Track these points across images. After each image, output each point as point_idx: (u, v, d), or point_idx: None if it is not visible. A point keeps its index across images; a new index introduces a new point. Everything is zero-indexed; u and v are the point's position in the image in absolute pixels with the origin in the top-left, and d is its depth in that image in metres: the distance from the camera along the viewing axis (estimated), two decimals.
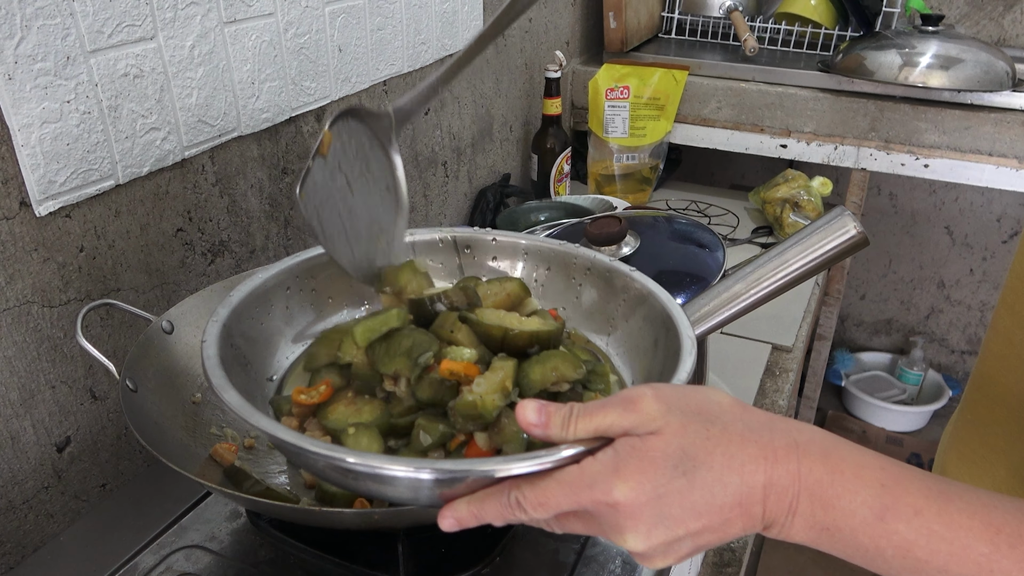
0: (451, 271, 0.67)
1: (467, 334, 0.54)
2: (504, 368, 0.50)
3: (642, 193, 1.60)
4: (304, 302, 0.63)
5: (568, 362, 0.52)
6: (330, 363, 0.58)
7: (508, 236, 0.68)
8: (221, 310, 0.55)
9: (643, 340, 0.60)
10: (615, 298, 0.63)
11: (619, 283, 0.63)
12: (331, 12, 0.93)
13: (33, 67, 0.62)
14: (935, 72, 1.40)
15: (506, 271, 0.68)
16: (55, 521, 0.73)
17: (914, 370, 2.30)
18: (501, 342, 0.53)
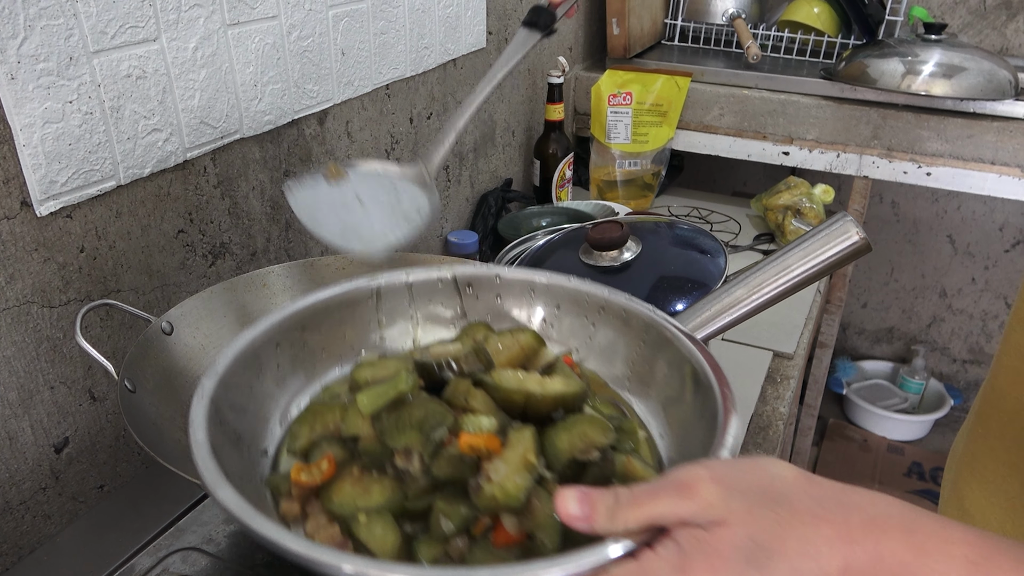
0: (453, 314, 0.60)
1: (483, 400, 0.48)
2: (524, 439, 0.46)
3: (644, 199, 1.60)
4: (296, 358, 0.55)
5: (596, 426, 0.47)
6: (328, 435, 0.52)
7: (514, 273, 0.61)
8: (207, 382, 0.47)
9: (670, 388, 0.54)
10: (634, 340, 0.57)
11: (637, 323, 0.56)
12: (334, 15, 0.94)
13: (36, 67, 0.63)
14: (938, 80, 1.40)
15: (512, 311, 0.62)
16: (52, 522, 0.73)
17: (916, 379, 2.30)
18: (523, 408, 0.48)
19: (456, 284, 0.61)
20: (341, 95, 0.98)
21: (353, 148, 1.04)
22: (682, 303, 0.82)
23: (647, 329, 0.56)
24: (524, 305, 0.61)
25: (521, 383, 0.49)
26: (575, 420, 0.48)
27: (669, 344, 0.54)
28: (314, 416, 0.52)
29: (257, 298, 0.75)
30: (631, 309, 0.57)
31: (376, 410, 0.48)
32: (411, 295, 0.59)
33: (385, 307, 0.58)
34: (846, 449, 2.27)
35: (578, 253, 0.89)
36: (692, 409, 0.51)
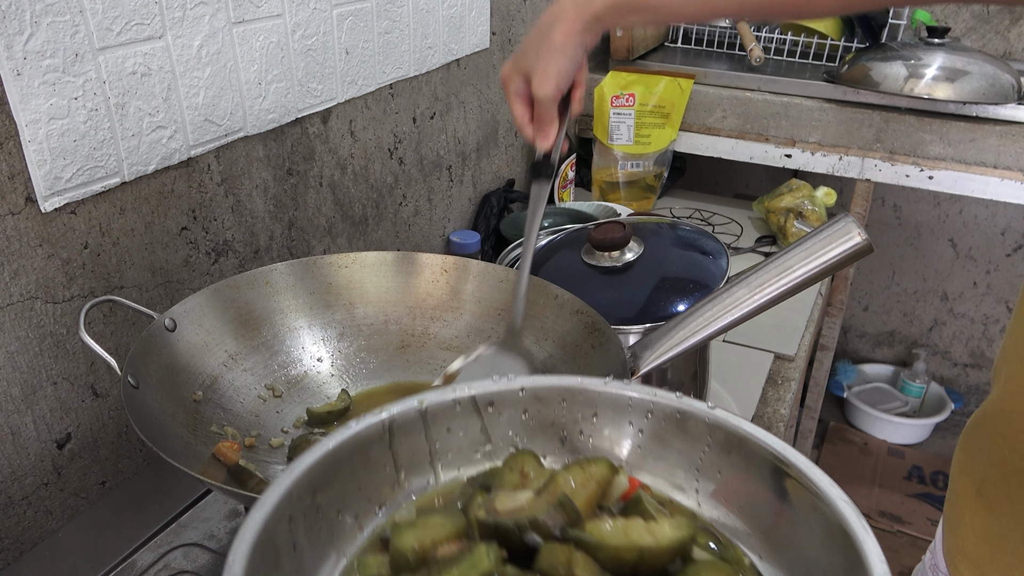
0: (474, 438, 0.54)
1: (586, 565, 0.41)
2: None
3: (646, 201, 1.60)
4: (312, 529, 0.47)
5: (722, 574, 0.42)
6: None
7: (540, 381, 0.53)
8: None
9: (751, 494, 0.48)
10: (696, 443, 0.50)
11: (696, 425, 0.50)
12: (339, 15, 0.94)
13: (41, 63, 0.63)
14: (940, 84, 1.40)
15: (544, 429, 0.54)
16: (54, 518, 0.73)
17: (916, 382, 2.30)
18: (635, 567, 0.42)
19: (476, 404, 0.53)
20: (345, 94, 0.99)
21: (356, 147, 1.04)
22: (684, 304, 0.82)
23: (711, 431, 0.49)
24: (555, 418, 0.53)
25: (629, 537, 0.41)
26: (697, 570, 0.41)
27: (743, 444, 0.47)
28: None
29: (259, 296, 0.75)
30: (686, 410, 0.50)
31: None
32: (426, 424, 0.52)
33: (399, 444, 0.50)
34: (846, 452, 2.27)
35: (580, 254, 0.90)
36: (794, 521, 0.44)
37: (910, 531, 1.99)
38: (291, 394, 0.74)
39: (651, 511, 0.45)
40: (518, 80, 0.68)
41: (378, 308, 0.80)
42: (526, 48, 0.67)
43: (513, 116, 0.70)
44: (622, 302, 0.84)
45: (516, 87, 0.68)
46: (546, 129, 0.68)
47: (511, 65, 0.68)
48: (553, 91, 0.66)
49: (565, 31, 0.65)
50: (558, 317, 0.76)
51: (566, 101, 0.70)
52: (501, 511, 0.43)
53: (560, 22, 0.65)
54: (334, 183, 1.02)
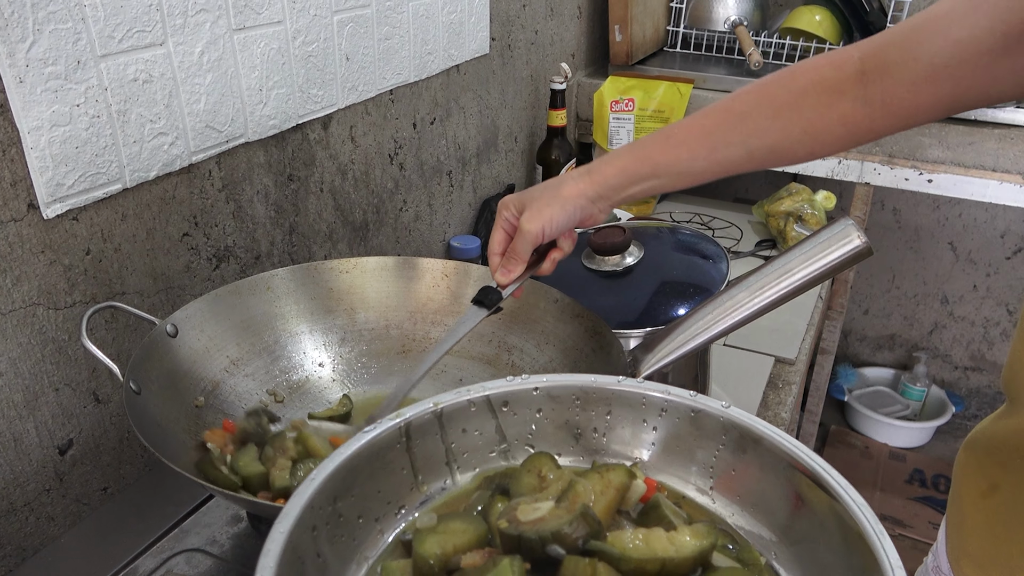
0: (489, 438, 0.54)
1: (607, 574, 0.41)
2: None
3: (646, 205, 1.60)
4: (335, 536, 0.47)
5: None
6: None
7: (553, 381, 0.53)
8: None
9: (766, 493, 0.47)
10: (709, 441, 0.50)
11: (711, 424, 0.50)
12: (339, 21, 0.94)
13: (44, 71, 0.63)
14: None
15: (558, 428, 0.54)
16: (56, 524, 0.73)
17: (917, 386, 2.30)
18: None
19: (491, 405, 0.53)
20: (345, 100, 0.99)
21: (357, 153, 1.04)
22: (684, 307, 0.82)
23: (725, 430, 0.48)
24: (570, 417, 0.53)
25: (651, 548, 0.41)
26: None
27: (758, 444, 0.47)
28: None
29: (261, 301, 0.76)
30: (700, 408, 0.50)
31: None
32: (442, 426, 0.52)
33: (416, 446, 0.50)
34: (848, 456, 2.27)
35: (580, 258, 0.90)
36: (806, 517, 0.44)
37: (912, 535, 1.99)
38: (293, 399, 0.74)
39: (670, 516, 0.45)
40: (512, 211, 0.69)
41: (379, 313, 0.81)
42: (535, 189, 0.69)
43: (490, 242, 0.71)
44: (622, 306, 0.84)
45: (507, 216, 0.69)
46: (512, 266, 0.69)
47: (514, 197, 0.70)
48: (537, 230, 0.66)
49: (575, 189, 0.67)
50: (559, 321, 0.76)
51: (542, 256, 0.71)
52: (523, 522, 0.43)
53: (574, 181, 0.67)
54: (335, 189, 1.02)
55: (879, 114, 0.58)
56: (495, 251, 0.70)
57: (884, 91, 0.57)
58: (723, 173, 0.66)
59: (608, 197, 0.67)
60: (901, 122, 0.59)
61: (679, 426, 0.51)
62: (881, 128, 0.59)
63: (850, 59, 0.59)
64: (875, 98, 0.58)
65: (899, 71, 0.56)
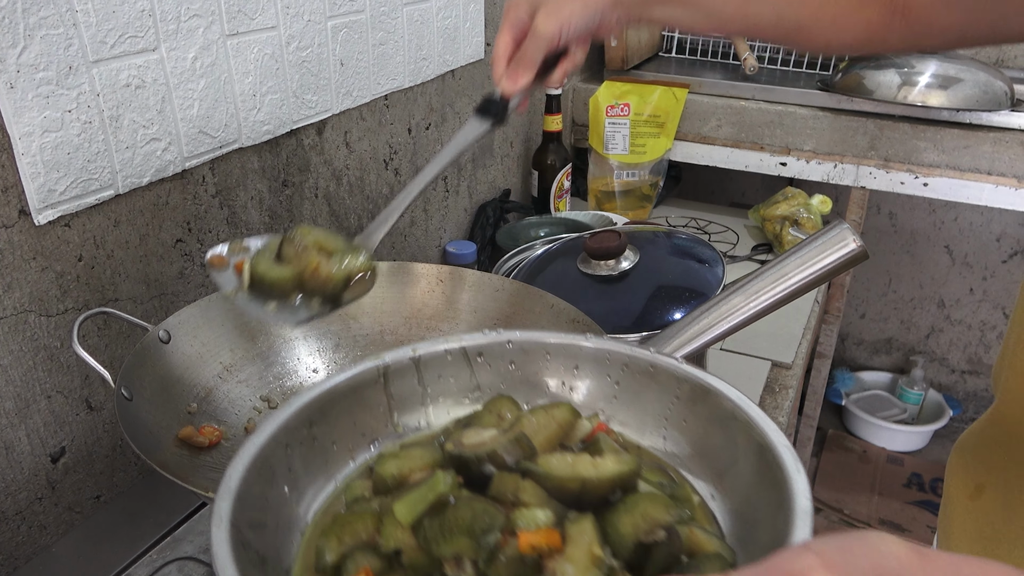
0: (464, 384, 0.58)
1: (535, 492, 0.45)
2: (585, 531, 0.42)
3: (642, 210, 1.60)
4: (307, 457, 0.52)
5: (658, 504, 0.44)
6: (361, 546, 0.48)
7: (526, 336, 0.58)
8: (222, 504, 0.44)
9: (711, 443, 0.51)
10: (665, 394, 0.54)
11: (666, 378, 0.54)
12: (333, 26, 0.94)
13: (35, 76, 0.63)
14: (934, 91, 1.40)
15: (527, 377, 0.58)
16: (48, 533, 0.73)
17: (914, 390, 2.30)
18: (578, 496, 0.45)
19: (466, 354, 0.57)
20: (340, 105, 0.99)
21: (351, 158, 1.04)
22: (680, 312, 0.82)
23: (679, 383, 0.53)
24: (539, 369, 0.57)
25: (574, 469, 0.45)
26: (635, 500, 0.45)
27: (706, 397, 0.51)
28: (341, 527, 0.47)
29: None
30: (658, 364, 0.54)
31: (416, 518, 0.44)
32: (419, 371, 0.56)
33: (393, 387, 0.55)
34: (845, 460, 2.27)
35: (576, 262, 0.90)
36: (744, 464, 0.47)
37: (910, 538, 1.98)
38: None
39: (606, 450, 0.49)
40: (523, 11, 0.62)
41: (374, 319, 0.80)
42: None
43: (496, 45, 0.63)
44: (618, 311, 0.84)
45: (517, 16, 0.62)
46: (520, 71, 0.62)
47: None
48: (554, 31, 0.60)
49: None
50: (554, 326, 0.76)
51: (550, 66, 0.65)
52: (467, 445, 0.47)
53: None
54: (329, 194, 1.02)
55: (898, 23, 0.61)
56: (501, 56, 0.63)
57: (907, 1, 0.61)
58: (744, 31, 0.67)
59: (630, 8, 0.62)
60: (913, 38, 0.62)
61: (639, 380, 0.55)
62: (897, 39, 0.62)
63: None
64: (898, 7, 0.61)
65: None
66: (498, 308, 0.79)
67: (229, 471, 0.45)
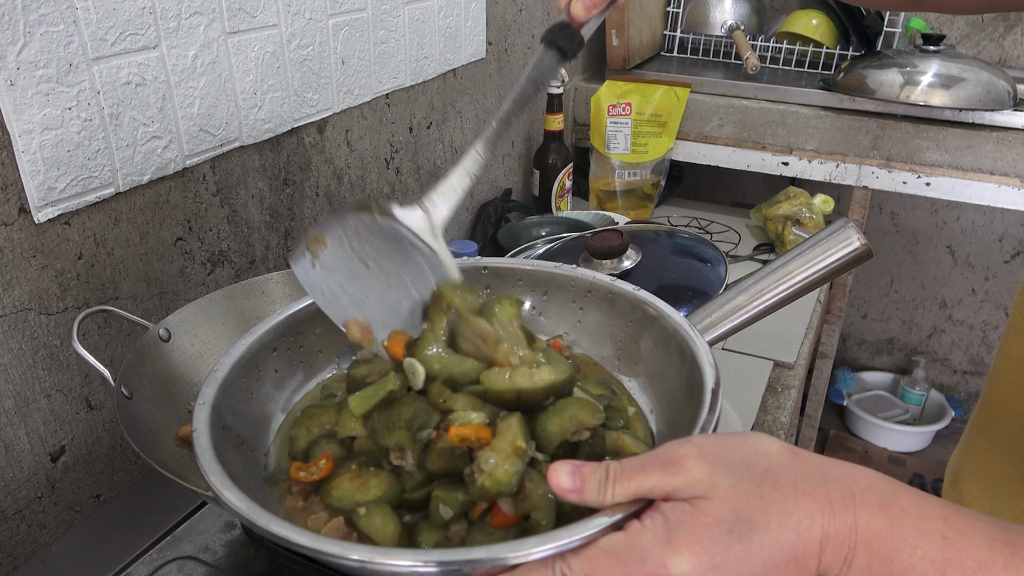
0: None
1: (465, 401, 0.48)
2: (512, 427, 0.46)
3: (643, 209, 1.60)
4: (293, 361, 0.57)
5: (586, 408, 0.48)
6: (326, 435, 0.53)
7: (500, 263, 0.63)
8: (208, 389, 0.48)
9: (656, 364, 0.57)
10: (620, 319, 0.60)
11: (623, 304, 0.59)
12: (334, 24, 0.94)
13: (35, 73, 0.62)
14: (936, 91, 1.40)
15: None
16: (47, 532, 0.72)
17: (916, 390, 2.29)
18: (516, 403, 0.48)
19: None
20: (341, 104, 0.98)
21: (352, 157, 1.04)
22: (682, 311, 0.81)
23: (632, 309, 0.59)
24: (512, 294, 0.62)
25: (511, 382, 0.49)
26: (565, 404, 0.49)
27: (654, 322, 0.57)
28: (310, 419, 0.53)
29: (255, 305, 0.75)
30: (616, 290, 0.60)
31: (367, 411, 0.49)
32: None
33: None
34: (847, 460, 2.26)
35: (578, 262, 0.89)
36: (678, 383, 0.53)
37: None
38: None
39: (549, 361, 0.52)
40: None
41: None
42: None
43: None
44: None
45: None
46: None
47: None
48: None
49: None
50: None
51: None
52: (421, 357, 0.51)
53: None
54: (330, 193, 1.01)
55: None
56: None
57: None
58: None
59: None
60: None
61: (600, 305, 0.61)
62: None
63: None
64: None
65: None
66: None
67: (218, 365, 0.51)
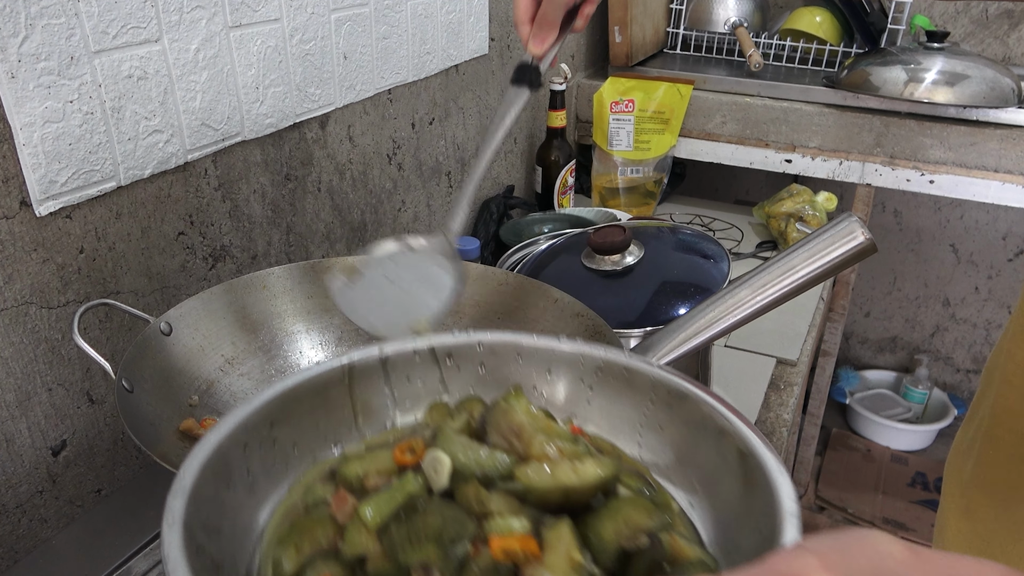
0: (432, 388, 0.55)
1: (505, 502, 0.43)
2: (563, 536, 0.40)
3: (646, 207, 1.59)
4: (266, 459, 0.49)
5: (640, 509, 0.42)
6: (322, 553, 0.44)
7: (497, 337, 0.56)
8: (175, 503, 0.41)
9: (689, 450, 0.50)
10: (640, 398, 0.52)
11: (642, 382, 0.52)
12: (337, 19, 0.94)
13: (36, 66, 0.62)
14: (940, 88, 1.39)
15: (499, 382, 0.56)
16: (48, 526, 0.72)
17: (919, 388, 2.29)
18: (561, 505, 0.43)
19: (435, 355, 0.54)
20: (343, 99, 0.98)
21: (355, 152, 1.04)
22: (685, 307, 0.81)
23: (654, 387, 0.51)
24: (511, 372, 0.55)
25: (555, 479, 0.43)
26: (616, 505, 0.43)
27: (684, 401, 0.49)
28: (300, 534, 0.44)
29: (257, 300, 0.75)
30: (633, 367, 0.51)
31: (384, 521, 0.41)
32: (386, 372, 0.53)
33: (359, 388, 0.52)
34: (849, 459, 2.26)
35: (580, 258, 0.89)
36: (722, 472, 0.46)
37: (914, 538, 1.97)
38: None
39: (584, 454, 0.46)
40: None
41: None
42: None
43: (515, 9, 0.65)
44: (623, 306, 0.83)
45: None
46: (545, 33, 0.64)
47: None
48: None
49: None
50: (558, 320, 0.75)
51: (572, 16, 0.66)
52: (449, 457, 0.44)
53: None
54: (332, 188, 1.01)
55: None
56: (523, 19, 0.65)
57: None
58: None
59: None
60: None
61: (613, 384, 0.53)
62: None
63: None
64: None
65: None
66: (502, 302, 0.78)
67: (183, 469, 0.41)
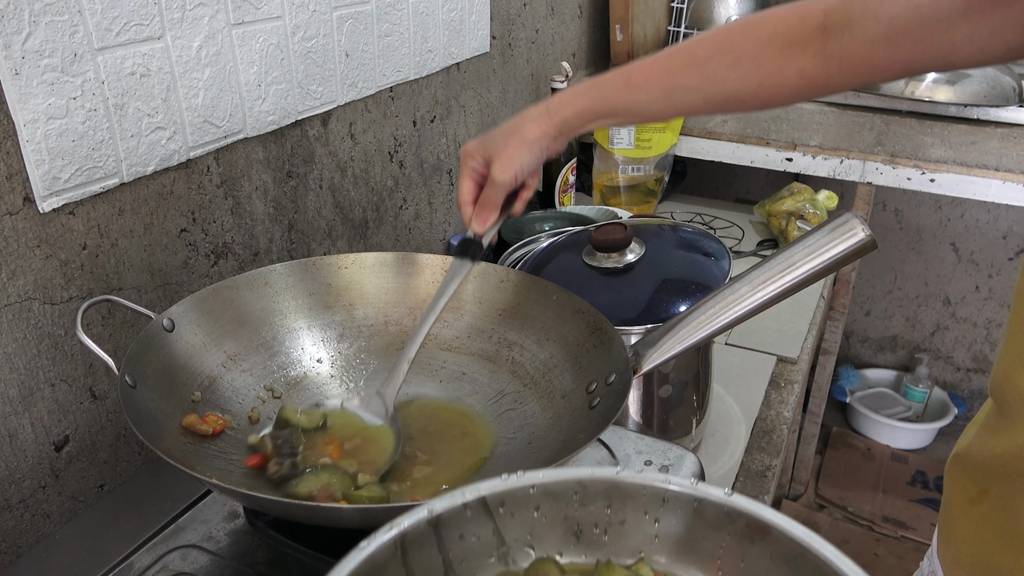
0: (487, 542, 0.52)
1: None
2: None
3: (647, 205, 1.59)
4: None
5: None
6: None
7: (549, 477, 0.51)
8: None
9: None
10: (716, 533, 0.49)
11: (714, 513, 0.48)
12: (339, 17, 0.94)
13: (40, 63, 0.63)
14: (941, 86, 1.40)
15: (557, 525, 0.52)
16: (51, 521, 0.73)
17: (919, 387, 2.29)
18: None
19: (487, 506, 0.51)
20: (345, 97, 0.98)
21: (356, 150, 1.04)
22: (686, 305, 0.81)
23: (730, 519, 0.47)
24: (569, 513, 0.52)
25: None
26: None
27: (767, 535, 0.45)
28: None
29: (259, 296, 0.75)
30: (703, 497, 0.48)
31: None
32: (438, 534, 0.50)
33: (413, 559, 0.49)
34: (849, 457, 2.26)
35: (581, 255, 0.89)
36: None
37: (914, 536, 1.98)
38: (290, 395, 0.73)
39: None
40: (479, 160, 0.70)
41: (378, 309, 0.80)
42: (496, 135, 0.70)
43: (459, 191, 0.71)
44: (624, 303, 0.83)
45: (474, 165, 0.70)
46: (487, 213, 0.70)
47: (477, 144, 0.71)
48: (510, 179, 0.68)
49: (537, 131, 0.68)
50: (559, 317, 0.75)
51: (511, 199, 0.72)
52: None
53: (534, 122, 0.69)
54: (334, 186, 1.02)
55: (836, 70, 0.59)
56: (466, 200, 0.71)
57: (843, 47, 0.58)
58: (678, 115, 0.73)
59: (567, 134, 0.70)
60: (857, 79, 0.60)
61: (682, 516, 0.49)
62: (837, 84, 0.61)
63: (815, 11, 0.60)
64: (834, 54, 0.59)
65: (860, 28, 0.57)
66: (503, 299, 0.78)
67: None
